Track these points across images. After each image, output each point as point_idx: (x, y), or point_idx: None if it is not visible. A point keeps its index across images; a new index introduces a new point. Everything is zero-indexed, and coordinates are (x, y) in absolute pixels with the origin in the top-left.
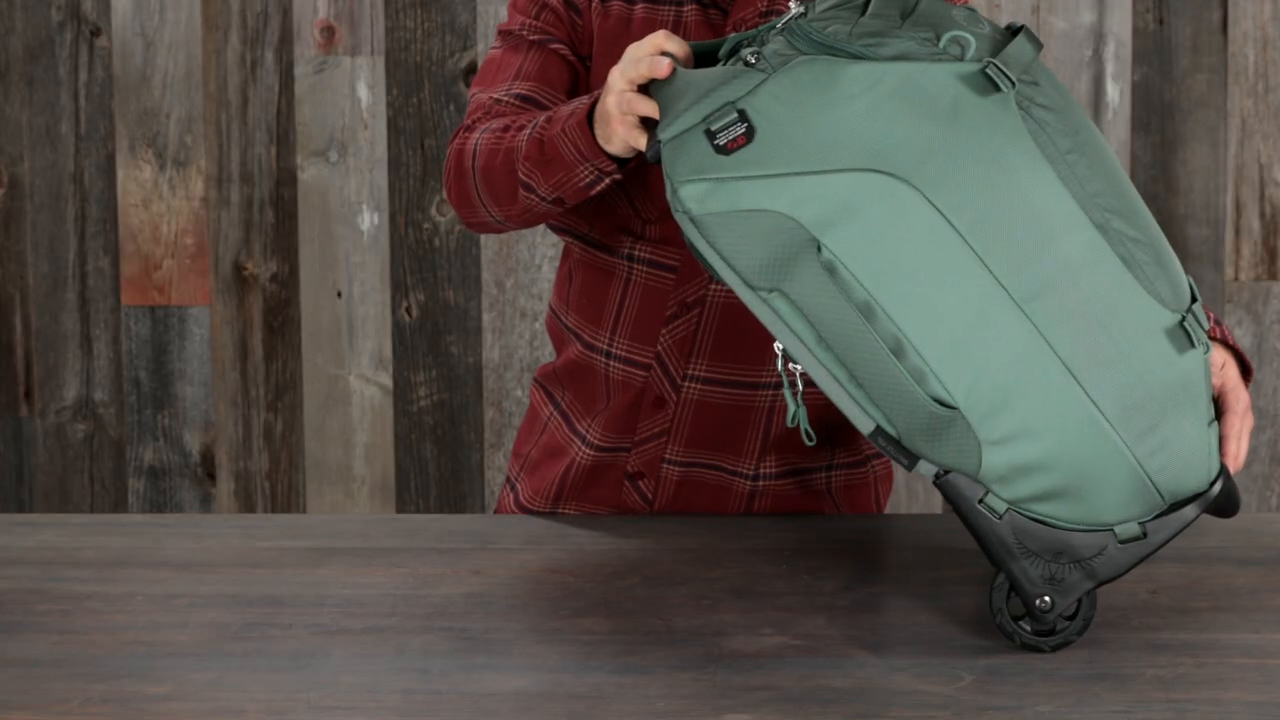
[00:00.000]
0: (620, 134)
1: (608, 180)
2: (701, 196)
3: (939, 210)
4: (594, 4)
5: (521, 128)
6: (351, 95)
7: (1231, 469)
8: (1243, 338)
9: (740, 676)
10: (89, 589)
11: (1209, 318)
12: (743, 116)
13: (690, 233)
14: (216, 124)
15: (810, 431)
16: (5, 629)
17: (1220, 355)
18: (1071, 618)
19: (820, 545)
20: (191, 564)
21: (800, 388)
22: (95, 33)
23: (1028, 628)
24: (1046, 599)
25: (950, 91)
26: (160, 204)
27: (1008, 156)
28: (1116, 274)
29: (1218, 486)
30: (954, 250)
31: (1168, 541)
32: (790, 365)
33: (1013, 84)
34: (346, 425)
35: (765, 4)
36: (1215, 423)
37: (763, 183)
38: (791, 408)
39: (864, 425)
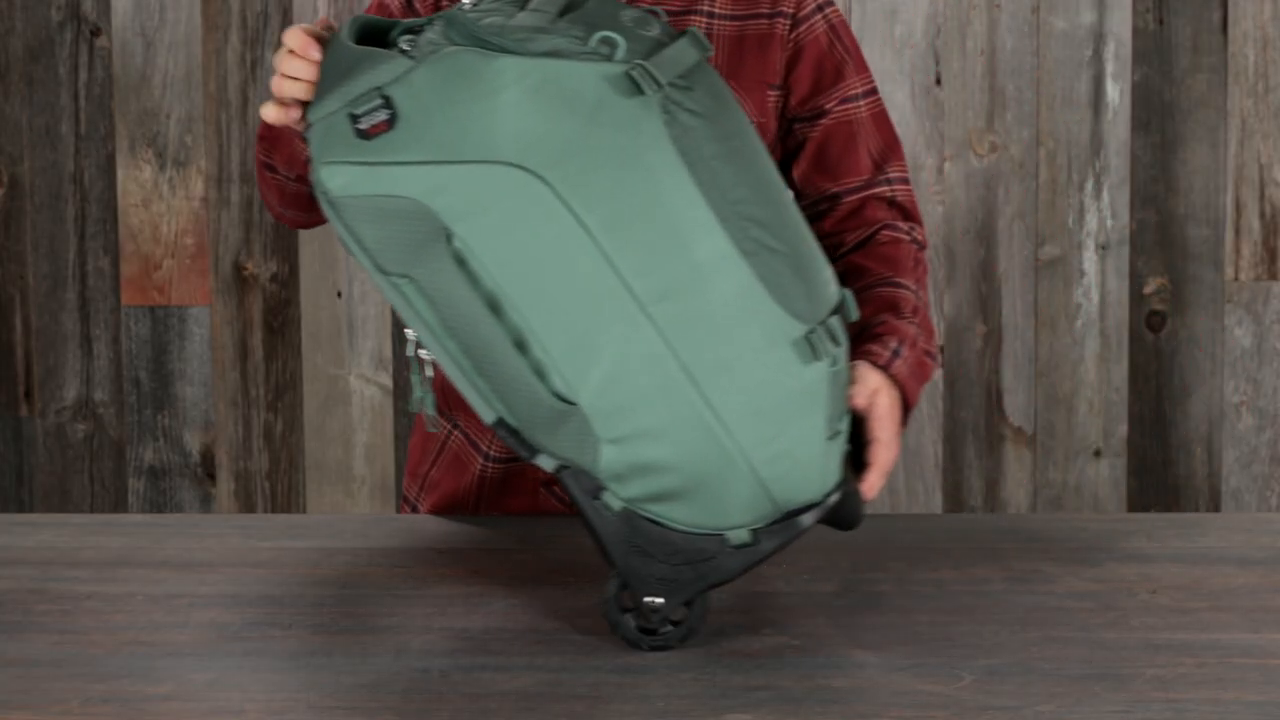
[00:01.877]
0: (282, 117)
1: None
2: (341, 178)
3: (570, 209)
4: None
5: None
6: None
7: (865, 497)
8: (1242, 338)
9: (740, 676)
10: (89, 589)
11: (893, 345)
12: (387, 102)
13: (329, 214)
14: (216, 124)
15: (438, 419)
16: (5, 629)
17: (875, 380)
18: (679, 622)
19: (819, 545)
20: (191, 564)
21: (429, 375)
22: (95, 33)
23: (635, 623)
24: (657, 599)
25: (593, 91)
26: (160, 204)
27: (646, 159)
28: (746, 282)
29: (834, 498)
30: (582, 249)
31: (780, 549)
32: (421, 352)
33: (659, 86)
34: (346, 425)
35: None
36: (839, 436)
37: (400, 169)
38: (417, 393)
39: (486, 415)
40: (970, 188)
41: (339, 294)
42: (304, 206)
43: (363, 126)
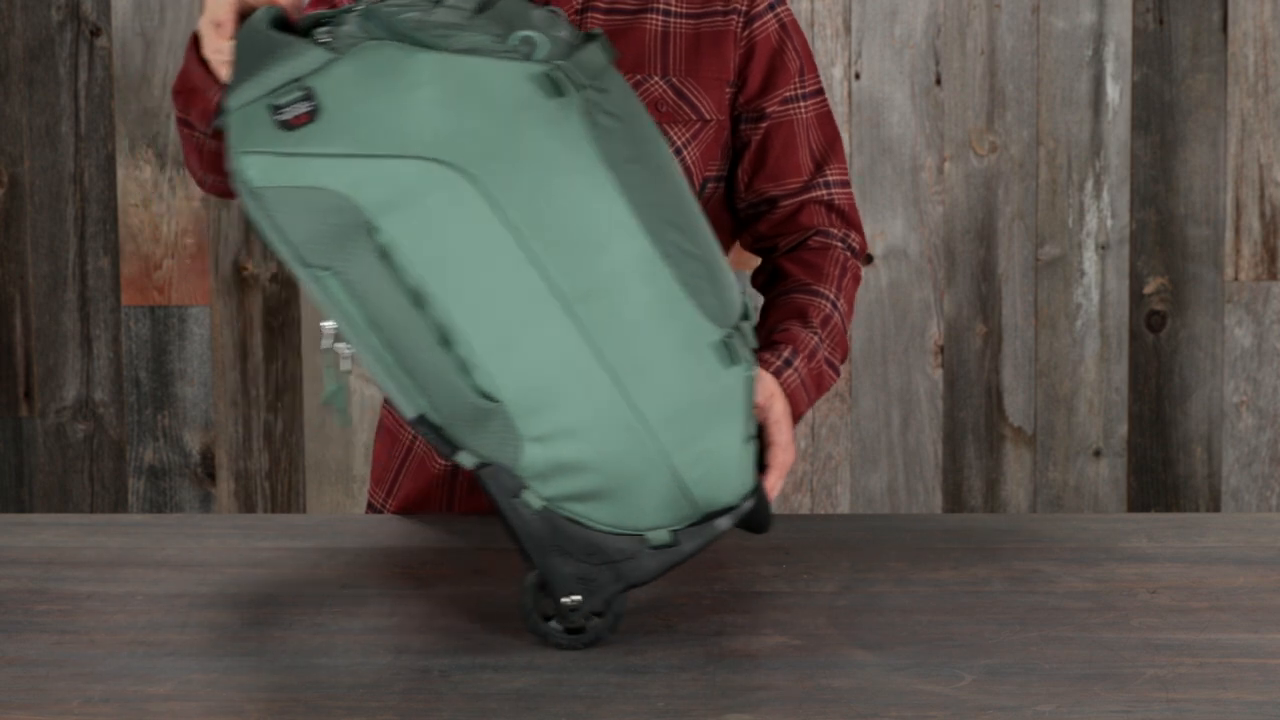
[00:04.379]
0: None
1: None
2: (263, 169)
3: (495, 206)
4: None
5: None
6: None
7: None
8: (1242, 338)
9: (740, 676)
10: (89, 589)
11: (785, 354)
12: (309, 94)
13: (250, 205)
14: None
15: (348, 413)
16: (5, 629)
17: (770, 384)
18: (600, 615)
19: (820, 545)
20: (191, 564)
21: (346, 368)
22: (95, 33)
23: (559, 626)
24: (576, 597)
25: (516, 90)
26: (160, 204)
27: (567, 159)
28: (667, 284)
29: (750, 502)
30: (506, 247)
31: (698, 551)
32: (339, 345)
33: (579, 88)
34: (346, 425)
35: (581, 1)
36: (754, 440)
37: (324, 161)
38: (330, 386)
39: (408, 411)
40: (970, 188)
41: None
42: (223, 170)
43: (285, 117)
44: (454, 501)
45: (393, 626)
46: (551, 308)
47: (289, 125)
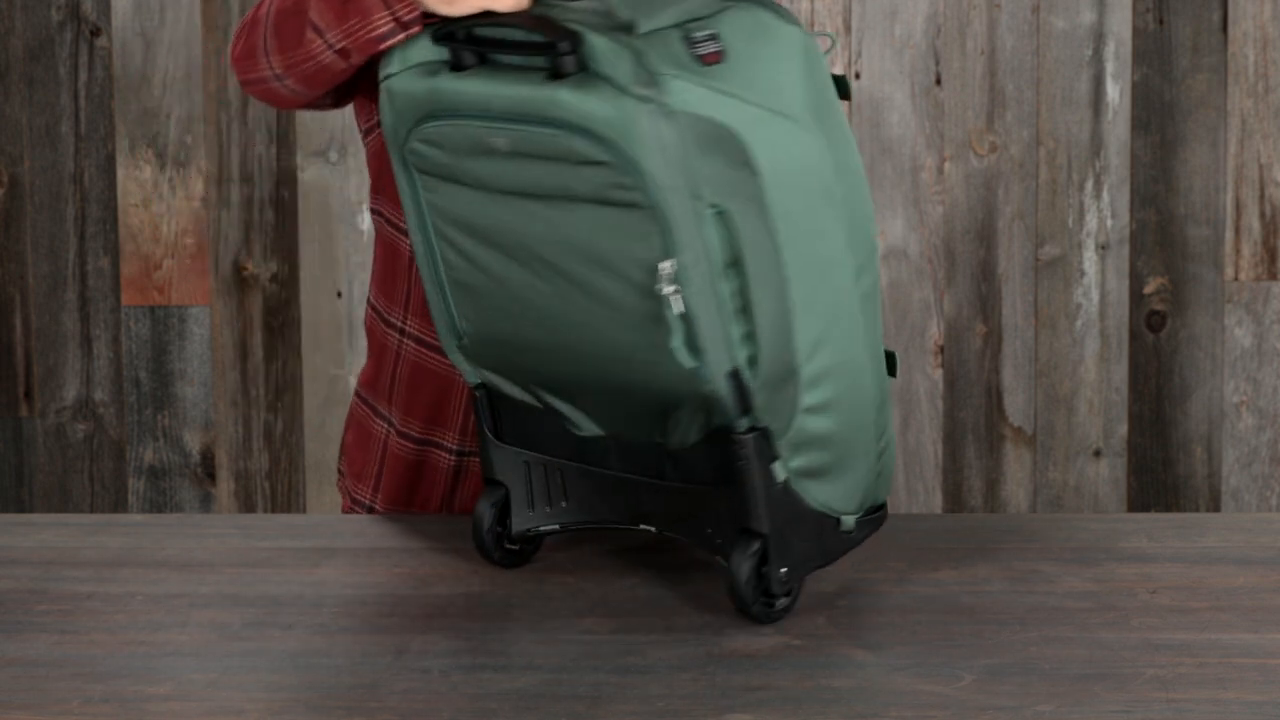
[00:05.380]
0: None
1: (403, 35)
2: (685, 94)
3: (838, 174)
4: None
5: None
6: None
7: None
8: (1242, 338)
9: (740, 676)
10: (89, 589)
11: None
12: (717, 35)
13: (655, 125)
14: (216, 124)
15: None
16: (5, 629)
17: None
18: (788, 594)
19: None
20: (191, 564)
21: (679, 310)
22: (95, 33)
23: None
24: (786, 570)
25: (829, 82)
26: (160, 204)
27: (851, 150)
28: (878, 291)
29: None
30: (838, 215)
31: (859, 543)
32: (667, 288)
33: None
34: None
35: None
36: None
37: (731, 101)
38: (678, 335)
39: (722, 364)
40: (970, 188)
41: (339, 294)
42: (318, 82)
43: (699, 52)
44: (454, 501)
45: (393, 626)
46: (849, 281)
47: (703, 60)
